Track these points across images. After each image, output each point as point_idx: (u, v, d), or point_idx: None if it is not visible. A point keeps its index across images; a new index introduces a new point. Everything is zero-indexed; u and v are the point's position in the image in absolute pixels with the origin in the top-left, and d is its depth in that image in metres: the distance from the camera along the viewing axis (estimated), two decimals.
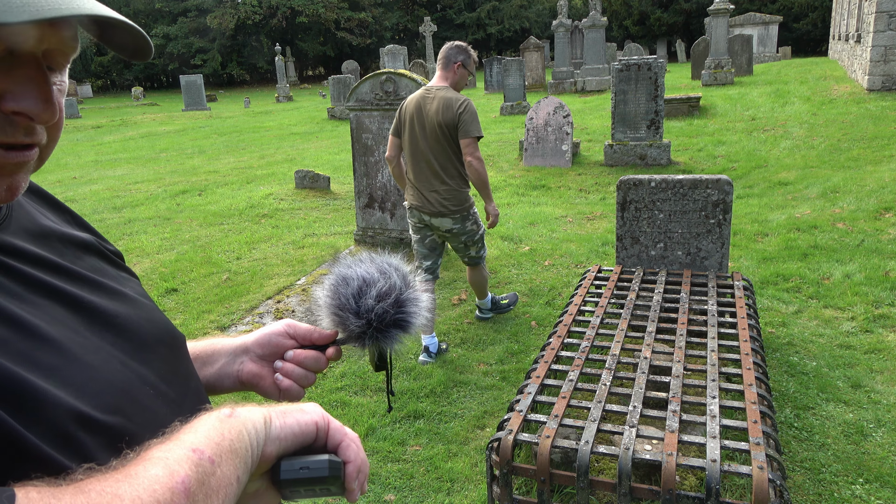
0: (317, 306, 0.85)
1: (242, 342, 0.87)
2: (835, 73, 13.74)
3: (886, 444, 2.80)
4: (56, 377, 0.52)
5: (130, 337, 0.63)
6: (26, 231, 0.63)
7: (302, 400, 0.78)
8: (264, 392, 0.85)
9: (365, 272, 0.82)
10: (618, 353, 2.68)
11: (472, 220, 3.81)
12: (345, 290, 0.82)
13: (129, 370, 0.60)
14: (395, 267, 0.84)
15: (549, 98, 8.73)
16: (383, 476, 2.78)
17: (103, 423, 0.54)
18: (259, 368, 0.85)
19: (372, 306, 0.80)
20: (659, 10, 32.09)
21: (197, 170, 10.49)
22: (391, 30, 40.49)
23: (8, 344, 0.51)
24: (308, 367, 0.85)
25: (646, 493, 1.99)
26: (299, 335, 0.86)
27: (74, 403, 0.52)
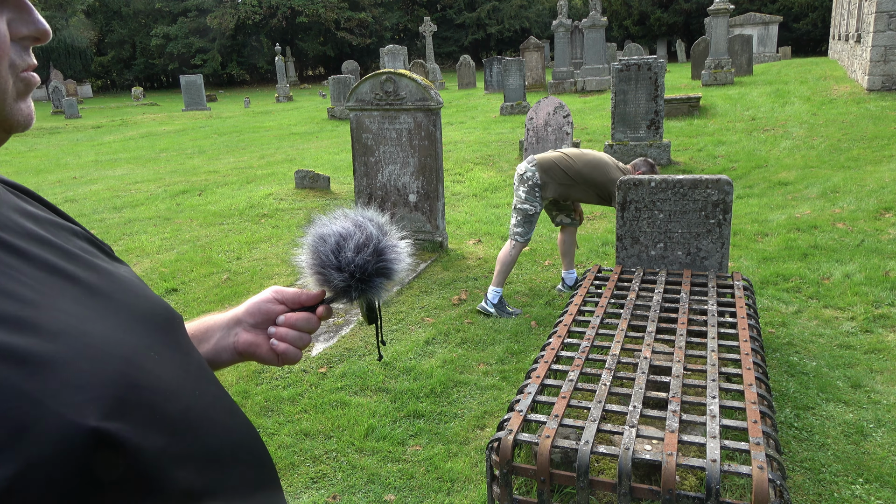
0: (300, 269, 0.87)
1: (234, 314, 0.89)
2: (835, 73, 13.74)
3: (886, 444, 2.80)
4: (57, 342, 0.51)
5: (129, 312, 0.63)
6: (16, 209, 0.63)
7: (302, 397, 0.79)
8: (262, 358, 0.88)
9: (341, 227, 0.84)
10: (618, 353, 2.68)
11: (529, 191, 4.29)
12: (323, 248, 0.84)
13: (132, 337, 0.59)
14: (369, 218, 0.86)
15: (549, 98, 8.73)
16: (383, 476, 2.78)
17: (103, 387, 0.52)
18: (254, 337, 0.87)
19: (352, 258, 0.82)
20: (659, 10, 32.08)
21: (197, 170, 10.49)
22: (391, 30, 40.49)
23: (10, 316, 0.50)
24: (301, 328, 0.87)
25: (646, 493, 2.00)
26: (288, 299, 0.88)
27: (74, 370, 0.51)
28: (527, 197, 4.27)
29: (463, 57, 22.67)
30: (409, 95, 5.25)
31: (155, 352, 0.61)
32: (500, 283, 4.32)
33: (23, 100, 0.59)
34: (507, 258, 4.35)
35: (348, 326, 4.20)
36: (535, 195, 4.26)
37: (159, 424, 0.55)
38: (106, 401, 0.51)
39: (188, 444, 0.59)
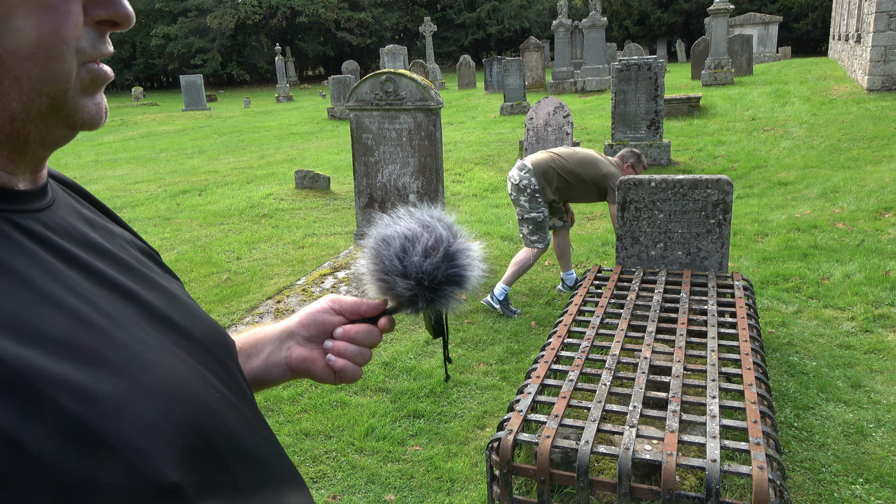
0: (361, 275, 0.77)
1: (286, 326, 0.80)
2: (835, 73, 13.74)
3: (886, 444, 2.80)
4: (124, 376, 0.46)
5: (189, 337, 0.57)
6: (74, 212, 0.57)
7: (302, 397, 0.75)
8: (318, 376, 0.78)
9: (406, 228, 0.74)
10: (618, 353, 2.68)
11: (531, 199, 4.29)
12: (387, 252, 0.73)
13: (191, 370, 0.54)
14: (438, 218, 0.76)
15: (549, 98, 8.73)
16: (383, 476, 2.78)
17: (175, 429, 0.48)
18: (308, 351, 0.78)
19: (419, 263, 0.72)
20: (659, 10, 32.08)
21: (197, 170, 10.49)
22: (391, 30, 40.48)
23: (74, 343, 0.45)
24: (361, 342, 0.78)
25: (646, 493, 1.99)
26: (346, 309, 0.79)
27: (146, 410, 0.46)
28: (531, 206, 4.25)
29: (463, 57, 22.66)
30: (409, 95, 5.25)
31: (216, 389, 0.56)
32: (510, 281, 4.32)
33: (90, 95, 0.51)
34: (525, 262, 4.34)
35: None
36: (537, 201, 4.25)
37: (223, 476, 0.51)
38: (178, 449, 0.46)
39: (245, 496, 0.54)
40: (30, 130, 0.48)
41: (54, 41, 0.46)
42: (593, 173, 4.26)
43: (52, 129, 0.50)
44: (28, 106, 0.46)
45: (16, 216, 0.49)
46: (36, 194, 0.53)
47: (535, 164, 4.26)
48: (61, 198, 0.57)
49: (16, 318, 0.42)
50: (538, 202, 4.25)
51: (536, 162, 4.28)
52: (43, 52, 0.45)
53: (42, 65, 0.46)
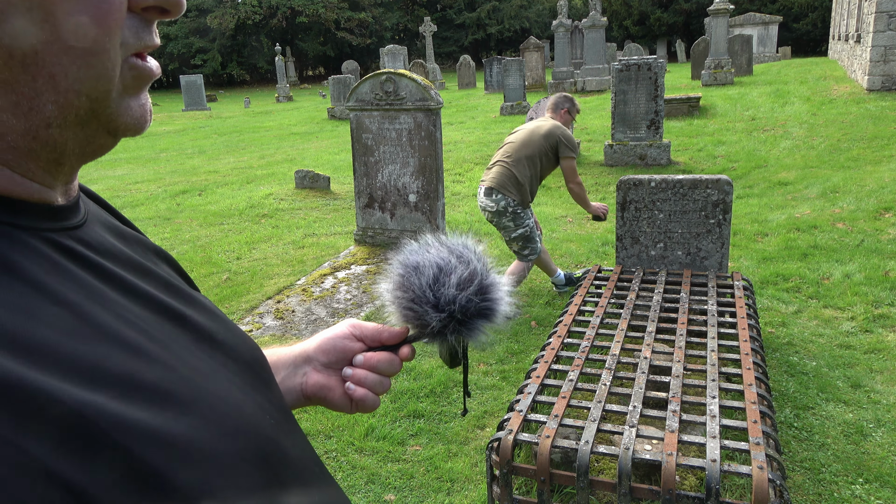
0: (383, 301, 0.74)
1: (303, 350, 0.76)
2: (835, 73, 13.74)
3: (886, 444, 2.80)
4: (194, 414, 0.42)
5: (236, 358, 0.54)
6: (106, 226, 0.53)
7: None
8: (334, 405, 0.75)
9: (438, 258, 0.71)
10: (618, 353, 2.68)
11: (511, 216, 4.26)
12: (418, 281, 0.71)
13: (247, 398, 0.51)
14: (472, 249, 0.74)
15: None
16: (383, 476, 2.78)
17: (248, 468, 0.45)
18: (326, 379, 0.74)
19: (454, 296, 0.70)
20: (659, 10, 32.08)
21: (197, 170, 10.49)
22: (391, 30, 40.48)
23: (138, 381, 0.40)
24: (382, 371, 0.75)
25: (646, 493, 2.00)
26: (367, 336, 0.76)
27: (222, 451, 0.43)
28: (517, 224, 4.24)
29: (463, 57, 22.67)
30: (409, 95, 5.26)
31: (270, 415, 0.53)
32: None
33: (134, 95, 0.45)
34: (521, 274, 4.37)
35: None
36: (520, 216, 4.24)
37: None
38: (254, 490, 0.43)
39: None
40: (68, 138, 0.42)
41: (95, 31, 0.40)
42: (537, 144, 4.26)
43: (91, 136, 0.44)
44: (65, 109, 0.41)
45: (56, 235, 0.44)
46: (71, 209, 0.48)
47: (499, 184, 4.19)
48: (91, 209, 0.53)
49: (76, 356, 0.38)
50: (522, 216, 4.24)
51: (497, 179, 4.21)
52: (82, 45, 0.39)
53: (81, 60, 0.40)
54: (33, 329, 0.37)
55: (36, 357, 0.36)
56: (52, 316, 0.39)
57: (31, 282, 0.40)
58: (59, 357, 0.37)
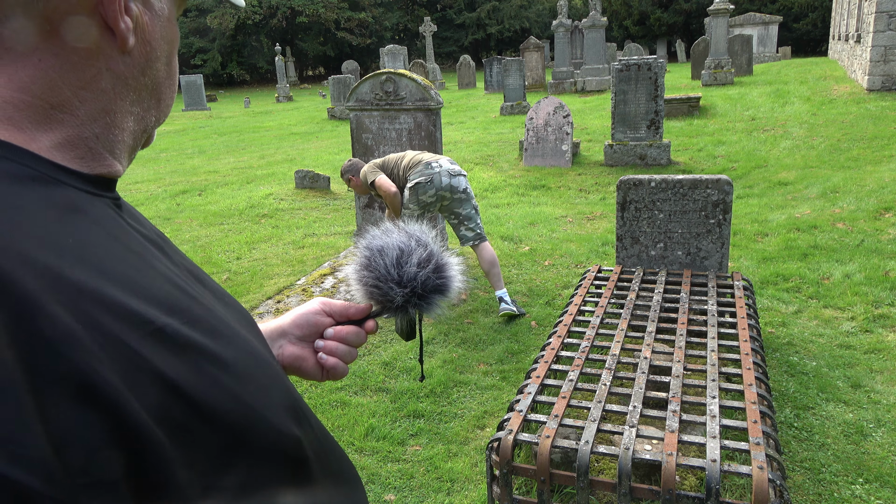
0: (349, 280, 0.84)
1: (278, 325, 0.85)
2: (835, 73, 13.74)
3: (886, 444, 2.80)
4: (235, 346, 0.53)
5: (241, 316, 0.63)
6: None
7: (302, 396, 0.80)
8: (307, 373, 0.84)
9: (400, 241, 0.82)
10: (618, 353, 2.68)
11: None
12: (382, 261, 0.81)
13: (259, 344, 0.61)
14: (427, 233, 0.84)
15: (549, 98, 8.73)
16: (383, 476, 2.78)
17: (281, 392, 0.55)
18: (300, 350, 0.83)
19: (415, 274, 0.80)
20: (659, 10, 32.07)
21: (197, 170, 10.49)
22: (391, 30, 40.47)
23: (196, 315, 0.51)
24: (350, 342, 0.84)
25: (646, 493, 2.00)
26: (335, 312, 0.85)
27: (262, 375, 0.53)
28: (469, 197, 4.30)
29: (463, 57, 22.66)
30: (409, 95, 5.25)
31: (274, 361, 0.61)
32: (501, 283, 4.34)
33: None
34: (494, 257, 4.38)
35: None
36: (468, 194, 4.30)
37: (310, 432, 0.57)
38: (289, 407, 0.53)
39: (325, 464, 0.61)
40: (139, 142, 0.59)
41: (171, 82, 0.59)
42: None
43: (139, 145, 0.60)
44: (156, 123, 0.59)
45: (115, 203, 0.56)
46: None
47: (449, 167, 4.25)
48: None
49: (152, 288, 0.48)
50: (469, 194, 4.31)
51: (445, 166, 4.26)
52: (171, 80, 0.59)
53: (169, 90, 0.59)
54: (117, 264, 0.48)
55: (123, 286, 0.46)
56: (127, 256, 0.50)
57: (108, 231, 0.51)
58: (139, 288, 0.47)
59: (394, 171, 4.32)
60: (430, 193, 4.10)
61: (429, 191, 4.09)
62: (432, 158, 4.23)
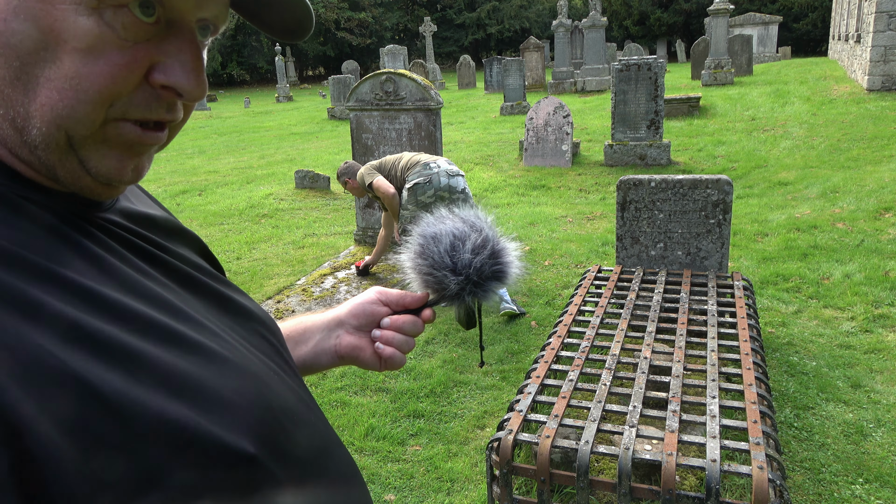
0: (403, 269, 0.82)
1: (336, 315, 0.84)
2: (835, 73, 13.74)
3: (886, 444, 2.80)
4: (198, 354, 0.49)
5: (242, 325, 0.60)
6: (129, 213, 0.59)
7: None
8: (364, 363, 0.83)
9: (454, 227, 0.79)
10: (618, 353, 2.68)
11: None
12: (436, 248, 0.78)
13: (253, 355, 0.57)
14: (483, 219, 0.81)
15: (549, 98, 8.73)
16: (383, 476, 2.78)
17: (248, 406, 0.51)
18: (357, 340, 0.82)
19: (469, 261, 0.77)
20: (659, 10, 32.07)
21: (197, 170, 10.49)
22: (391, 30, 40.47)
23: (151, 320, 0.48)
24: (407, 331, 0.83)
25: (646, 492, 1.99)
26: (392, 301, 0.84)
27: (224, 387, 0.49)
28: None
29: (463, 57, 22.66)
30: (409, 95, 5.26)
31: (275, 372, 0.58)
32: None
33: (116, 151, 0.49)
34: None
35: None
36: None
37: (289, 447, 0.54)
38: (255, 424, 0.50)
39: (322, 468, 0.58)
40: (54, 164, 0.48)
41: (87, 85, 0.45)
42: None
43: (75, 170, 0.49)
44: (47, 137, 0.46)
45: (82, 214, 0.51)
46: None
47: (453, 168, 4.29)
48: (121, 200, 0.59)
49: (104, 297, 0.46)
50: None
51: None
52: (74, 91, 0.45)
53: (68, 101, 0.45)
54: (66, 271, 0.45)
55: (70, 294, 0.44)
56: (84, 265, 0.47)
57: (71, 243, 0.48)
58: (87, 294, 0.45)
59: (391, 173, 4.31)
60: (429, 194, 4.09)
61: (427, 191, 4.09)
62: (430, 159, 4.23)
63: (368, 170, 4.34)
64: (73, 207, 0.51)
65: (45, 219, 0.47)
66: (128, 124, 0.48)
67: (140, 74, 0.47)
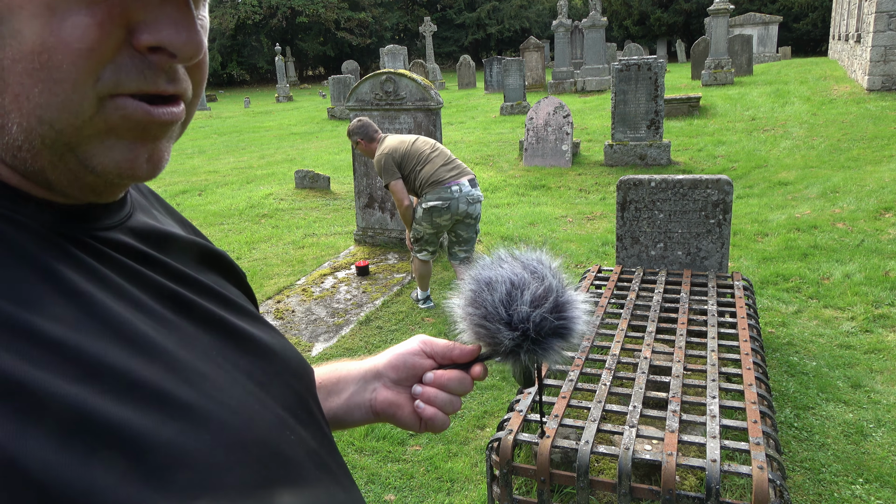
0: (453, 317, 0.72)
1: (373, 366, 0.76)
2: (835, 73, 13.74)
3: (886, 444, 2.80)
4: (189, 419, 0.41)
5: (264, 367, 0.53)
6: (145, 231, 0.52)
7: None
8: (402, 422, 0.74)
9: (512, 273, 0.69)
10: (618, 353, 2.68)
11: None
12: (490, 297, 0.68)
13: (268, 410, 0.50)
14: (547, 264, 0.71)
15: (549, 98, 8.73)
16: (383, 476, 2.78)
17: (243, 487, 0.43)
18: (395, 395, 0.73)
19: (528, 314, 0.67)
20: (659, 10, 32.07)
21: (197, 170, 10.49)
22: (391, 30, 40.48)
23: (134, 377, 0.40)
24: (452, 390, 0.72)
25: (646, 493, 1.99)
26: (437, 353, 0.74)
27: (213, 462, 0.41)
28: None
29: (463, 57, 22.66)
30: (409, 95, 5.26)
31: (292, 431, 0.52)
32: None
33: (122, 139, 0.42)
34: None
35: (348, 326, 4.20)
36: None
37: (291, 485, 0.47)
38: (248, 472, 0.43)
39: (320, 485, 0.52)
40: (45, 166, 0.41)
41: (59, 56, 0.37)
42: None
43: (75, 171, 0.41)
44: (30, 134, 0.39)
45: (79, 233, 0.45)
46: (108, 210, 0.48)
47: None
48: (139, 213, 0.53)
49: (78, 349, 0.38)
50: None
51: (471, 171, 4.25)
52: (45, 69, 0.37)
53: (42, 84, 0.37)
54: (33, 317, 0.37)
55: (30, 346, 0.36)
56: (59, 306, 0.39)
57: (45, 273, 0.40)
58: (56, 347, 0.37)
59: (413, 171, 4.13)
60: (446, 218, 4.07)
61: (444, 215, 4.06)
62: (454, 175, 4.08)
63: (388, 162, 4.07)
64: (65, 225, 0.43)
65: (23, 245, 0.40)
66: (129, 100, 0.41)
67: (119, 35, 0.39)
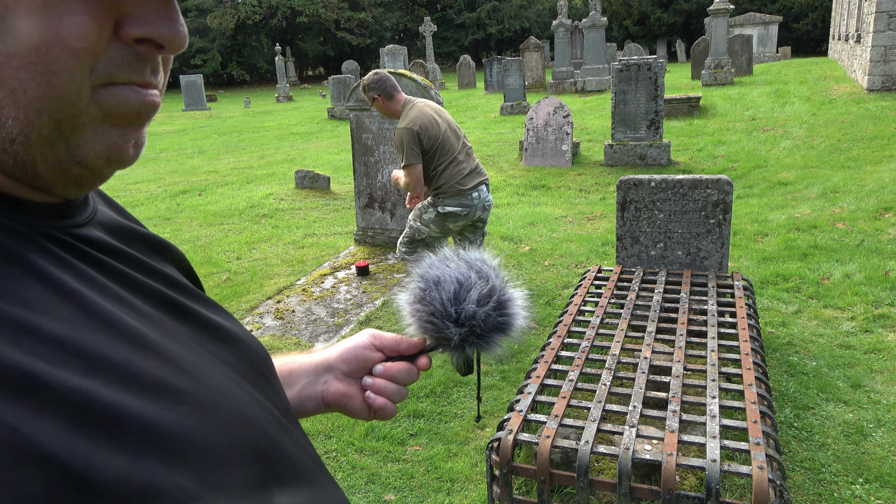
0: (402, 312, 0.77)
1: (324, 359, 0.78)
2: (835, 73, 13.74)
3: (886, 444, 2.80)
4: (187, 403, 0.43)
5: (237, 356, 0.55)
6: (110, 226, 0.53)
7: None
8: (353, 412, 0.77)
9: (458, 273, 0.73)
10: (618, 353, 2.68)
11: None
12: (437, 295, 0.72)
13: (247, 393, 0.52)
14: (490, 265, 0.76)
15: (549, 98, 8.73)
16: (383, 476, 2.78)
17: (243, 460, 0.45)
18: (346, 387, 0.77)
19: (473, 312, 0.72)
20: (659, 10, 32.07)
21: (197, 170, 10.49)
22: (391, 30, 40.47)
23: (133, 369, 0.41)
24: (400, 381, 0.78)
25: (646, 493, 1.99)
26: (386, 346, 0.78)
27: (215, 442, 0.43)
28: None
29: (463, 57, 22.66)
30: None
31: (269, 411, 0.53)
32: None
33: (116, 126, 0.43)
34: None
35: (348, 326, 4.20)
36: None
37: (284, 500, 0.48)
38: (247, 482, 0.44)
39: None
40: (35, 159, 0.41)
41: (56, 50, 0.38)
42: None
43: (62, 161, 0.42)
44: (26, 127, 0.40)
45: (58, 231, 0.46)
46: (77, 207, 0.49)
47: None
48: (100, 209, 0.54)
49: (76, 343, 0.39)
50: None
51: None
52: (42, 62, 0.38)
53: (41, 77, 0.39)
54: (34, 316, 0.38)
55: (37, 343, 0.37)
56: (54, 304, 0.40)
57: (37, 273, 0.41)
58: (59, 343, 0.38)
59: (437, 167, 3.88)
60: (459, 224, 4.01)
61: (459, 221, 3.99)
62: (476, 183, 3.99)
63: (414, 142, 3.72)
64: (45, 223, 0.44)
65: (11, 246, 0.41)
66: (121, 87, 0.42)
67: (109, 28, 0.41)
